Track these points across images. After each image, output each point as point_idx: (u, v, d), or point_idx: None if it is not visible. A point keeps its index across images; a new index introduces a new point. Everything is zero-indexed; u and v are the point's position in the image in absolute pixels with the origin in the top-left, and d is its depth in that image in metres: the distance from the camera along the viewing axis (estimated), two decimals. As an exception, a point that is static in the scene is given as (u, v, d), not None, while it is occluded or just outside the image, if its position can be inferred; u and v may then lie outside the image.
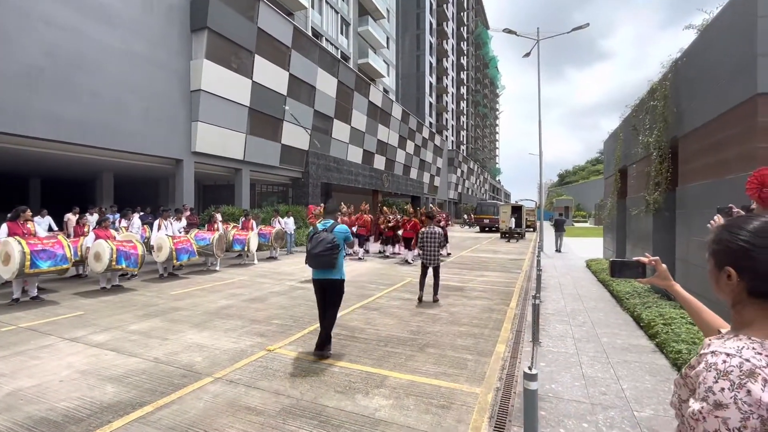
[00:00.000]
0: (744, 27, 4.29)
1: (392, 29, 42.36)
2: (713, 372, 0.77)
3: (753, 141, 3.99)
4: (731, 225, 0.89)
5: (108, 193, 18.68)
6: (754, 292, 0.83)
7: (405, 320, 5.80)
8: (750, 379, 0.73)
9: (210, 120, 15.99)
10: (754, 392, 0.71)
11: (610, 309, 6.63)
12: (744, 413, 0.71)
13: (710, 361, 0.79)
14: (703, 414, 0.75)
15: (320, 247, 4.19)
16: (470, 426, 2.96)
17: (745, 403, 0.71)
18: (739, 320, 0.87)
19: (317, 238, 4.26)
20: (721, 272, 0.88)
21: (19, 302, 6.60)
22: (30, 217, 7.19)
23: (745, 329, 0.84)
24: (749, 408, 0.71)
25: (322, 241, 4.21)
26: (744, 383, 0.73)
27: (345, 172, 26.32)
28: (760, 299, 0.83)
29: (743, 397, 0.71)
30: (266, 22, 17.95)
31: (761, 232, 0.83)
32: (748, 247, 0.83)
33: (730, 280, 0.86)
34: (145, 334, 5.03)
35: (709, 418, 0.74)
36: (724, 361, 0.77)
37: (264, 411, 3.11)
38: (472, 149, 79.94)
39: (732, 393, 0.72)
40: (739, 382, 0.73)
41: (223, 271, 10.31)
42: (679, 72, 6.31)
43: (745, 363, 0.75)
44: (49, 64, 11.18)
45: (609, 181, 12.01)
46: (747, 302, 0.85)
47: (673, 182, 6.52)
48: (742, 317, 0.86)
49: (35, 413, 3.05)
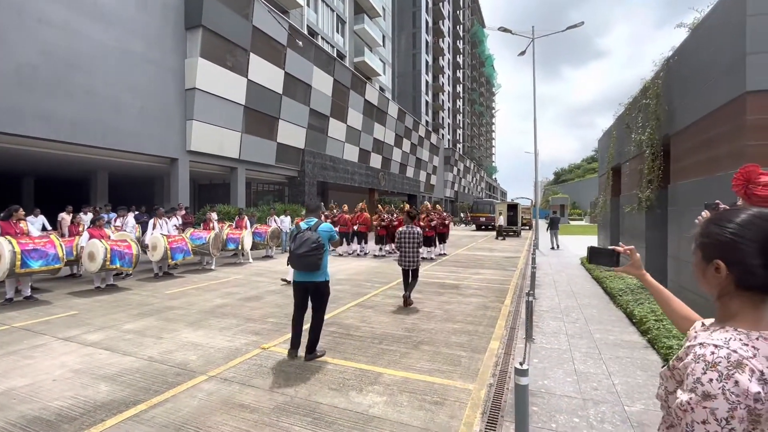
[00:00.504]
0: (733, 26, 4.33)
1: (388, 28, 42.30)
2: (702, 363, 0.78)
3: (742, 138, 4.04)
4: (719, 218, 0.89)
5: (102, 193, 18.56)
6: (742, 285, 0.84)
7: (400, 318, 5.83)
8: (737, 369, 0.74)
9: (205, 118, 15.92)
10: (742, 383, 0.72)
11: (604, 306, 6.68)
12: (732, 403, 0.72)
13: (698, 353, 0.80)
14: (692, 405, 0.76)
15: (304, 247, 3.97)
16: (463, 421, 2.99)
17: (732, 393, 0.72)
18: (724, 312, 0.88)
19: (301, 238, 4.05)
20: (709, 265, 0.88)
21: (12, 302, 6.57)
22: (23, 216, 7.15)
23: (731, 321, 0.86)
24: (736, 398, 0.72)
25: (306, 241, 3.99)
26: (732, 374, 0.74)
27: (341, 170, 26.29)
28: (747, 291, 0.84)
29: (731, 388, 0.73)
30: (261, 19, 17.88)
31: (749, 225, 0.83)
32: (737, 240, 0.84)
33: (718, 272, 0.86)
34: (140, 333, 5.02)
35: (697, 408, 0.75)
36: (712, 353, 0.78)
37: (258, 408, 3.12)
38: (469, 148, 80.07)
39: (720, 384, 0.74)
40: (726, 372, 0.74)
41: (219, 270, 10.29)
42: (671, 70, 6.36)
43: (733, 354, 0.76)
44: (42, 62, 11.08)
45: (603, 178, 12.09)
46: (734, 294, 0.86)
47: (665, 180, 6.58)
48: (727, 309, 0.87)
49: (28, 412, 3.05)
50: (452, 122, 66.31)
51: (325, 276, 4.21)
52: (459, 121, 72.05)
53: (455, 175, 61.07)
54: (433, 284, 8.50)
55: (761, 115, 3.87)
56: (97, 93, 12.45)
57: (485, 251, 15.71)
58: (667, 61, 6.50)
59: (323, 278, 4.18)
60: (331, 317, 5.79)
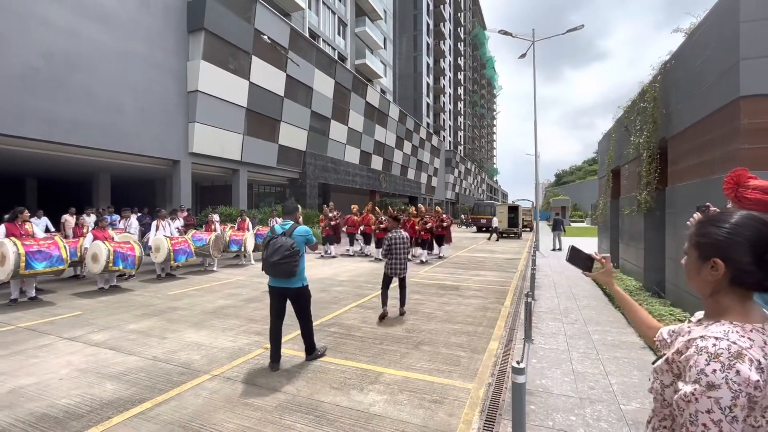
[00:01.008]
0: (727, 31, 4.41)
1: (389, 30, 42.47)
2: (704, 355, 0.82)
3: (736, 142, 4.11)
4: (716, 219, 0.95)
5: (105, 194, 18.67)
6: (737, 282, 0.90)
7: (400, 319, 5.89)
8: (738, 360, 0.79)
9: (207, 121, 16.03)
10: (743, 372, 0.78)
11: (603, 307, 6.74)
12: (734, 392, 0.77)
13: (701, 345, 0.84)
14: (696, 395, 0.80)
15: (277, 255, 3.75)
16: (461, 419, 3.05)
17: (735, 382, 0.77)
18: (715, 308, 0.94)
19: (274, 245, 3.81)
20: (705, 263, 0.93)
21: (17, 303, 6.65)
22: (28, 218, 7.23)
23: (724, 315, 0.91)
24: (739, 387, 0.77)
25: (279, 248, 3.77)
26: (733, 364, 0.79)
27: (342, 172, 26.40)
28: (738, 288, 0.90)
29: (733, 377, 0.77)
30: (263, 23, 18.01)
31: (744, 226, 0.89)
32: (733, 239, 0.89)
33: (714, 271, 0.91)
34: (144, 334, 5.09)
35: (701, 398, 0.79)
36: (714, 345, 0.82)
37: (261, 407, 3.19)
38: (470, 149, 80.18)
39: (723, 374, 0.78)
40: (728, 363, 0.79)
41: (221, 272, 10.36)
42: (668, 74, 6.44)
43: (733, 345, 0.81)
44: (44, 64, 11.19)
45: (602, 181, 12.15)
46: (727, 291, 0.91)
47: (662, 182, 6.64)
48: (719, 305, 0.93)
49: (36, 410, 3.12)
50: (453, 124, 66.44)
51: (303, 281, 4.01)
52: (460, 123, 72.18)
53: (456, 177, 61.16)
54: (434, 285, 8.56)
55: (755, 120, 3.94)
56: (99, 95, 12.56)
57: (486, 253, 15.76)
58: (664, 65, 6.58)
59: (301, 283, 3.98)
60: (332, 318, 5.86)
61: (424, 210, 14.32)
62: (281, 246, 3.77)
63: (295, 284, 3.93)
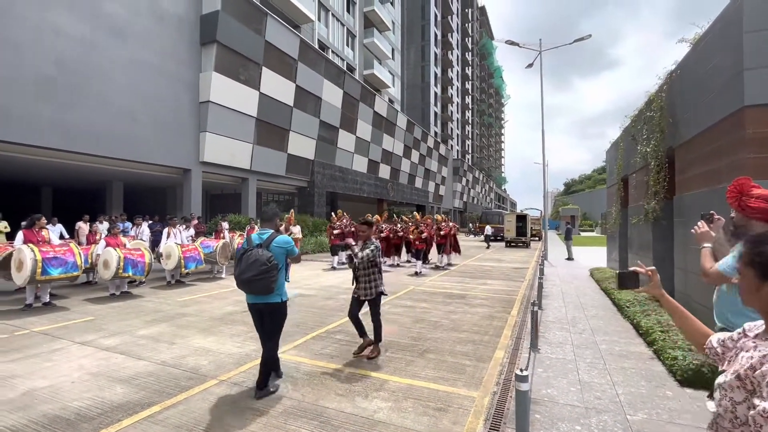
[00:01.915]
0: (731, 41, 4.43)
1: (397, 41, 43.00)
2: None
3: (741, 151, 4.10)
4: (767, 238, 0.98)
5: (117, 202, 19.07)
6: None
7: (406, 327, 5.90)
8: None
9: (218, 130, 16.35)
10: None
11: (611, 317, 6.67)
12: None
13: None
14: None
15: (252, 271, 3.29)
16: (465, 427, 3.05)
17: None
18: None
19: (247, 259, 3.34)
20: (765, 282, 0.96)
21: (31, 307, 6.81)
22: (44, 224, 7.44)
23: None
24: None
25: (254, 262, 3.31)
26: None
27: (350, 181, 26.59)
28: None
29: None
30: (273, 35, 18.41)
31: None
32: None
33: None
34: (153, 339, 5.18)
35: None
36: None
37: (267, 412, 3.23)
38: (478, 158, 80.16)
39: None
40: None
41: (229, 279, 10.47)
42: (674, 84, 6.45)
43: None
44: (60, 74, 11.53)
45: (611, 190, 12.08)
46: None
47: (670, 191, 6.60)
48: None
49: (49, 412, 3.20)
50: (461, 133, 66.61)
51: (282, 296, 3.57)
52: (468, 132, 72.35)
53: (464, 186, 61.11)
54: (440, 294, 8.55)
55: (759, 129, 3.94)
56: (113, 105, 12.91)
57: (493, 262, 15.68)
58: (670, 75, 6.59)
59: (279, 299, 3.54)
60: (338, 325, 5.89)
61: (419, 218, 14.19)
62: (255, 261, 3.32)
63: (273, 299, 3.51)
